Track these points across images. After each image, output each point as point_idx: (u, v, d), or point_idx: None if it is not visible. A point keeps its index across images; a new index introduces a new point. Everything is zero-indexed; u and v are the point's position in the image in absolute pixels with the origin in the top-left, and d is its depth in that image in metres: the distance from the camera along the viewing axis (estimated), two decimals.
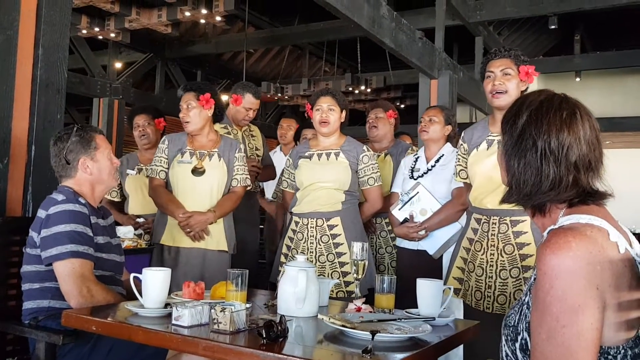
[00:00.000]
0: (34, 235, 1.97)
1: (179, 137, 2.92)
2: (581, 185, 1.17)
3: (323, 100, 2.90)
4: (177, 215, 2.72)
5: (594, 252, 1.05)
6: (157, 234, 2.84)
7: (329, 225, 2.83)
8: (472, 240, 2.40)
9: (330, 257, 2.82)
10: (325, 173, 2.86)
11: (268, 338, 1.41)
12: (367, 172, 2.94)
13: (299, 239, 2.87)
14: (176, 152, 2.86)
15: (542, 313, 1.05)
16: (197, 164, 2.81)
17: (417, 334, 1.53)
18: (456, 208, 2.84)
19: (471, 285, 2.38)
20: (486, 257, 2.32)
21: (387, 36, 4.74)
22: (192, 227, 2.71)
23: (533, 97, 1.24)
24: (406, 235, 2.93)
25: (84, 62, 7.87)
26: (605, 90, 10.43)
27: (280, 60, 10.06)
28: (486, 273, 2.31)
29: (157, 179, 2.87)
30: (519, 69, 2.35)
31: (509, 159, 1.22)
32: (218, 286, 1.97)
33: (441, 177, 2.94)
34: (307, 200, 2.86)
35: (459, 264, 2.48)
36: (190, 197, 2.78)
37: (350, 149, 2.94)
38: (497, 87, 2.34)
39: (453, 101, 5.91)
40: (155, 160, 2.90)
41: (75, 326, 1.69)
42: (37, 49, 2.48)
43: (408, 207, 2.92)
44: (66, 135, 2.10)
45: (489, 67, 2.40)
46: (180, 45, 8.71)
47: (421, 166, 3.04)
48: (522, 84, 2.37)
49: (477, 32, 7.52)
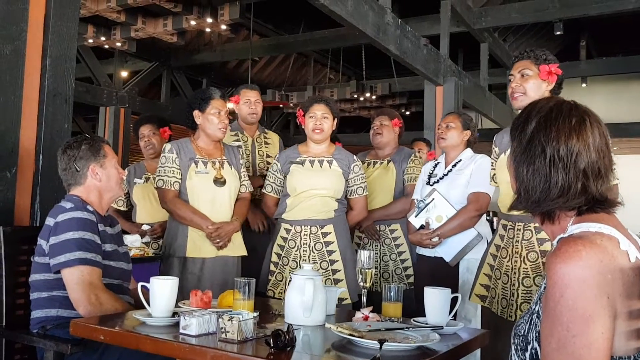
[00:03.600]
0: (43, 243, 1.98)
1: (184, 144, 2.83)
2: (590, 193, 1.16)
3: (317, 108, 2.90)
4: (206, 227, 2.70)
5: (604, 261, 1.05)
6: (179, 247, 2.74)
7: (323, 233, 2.82)
8: (499, 247, 2.38)
9: (324, 264, 2.81)
10: (320, 180, 2.85)
11: (276, 347, 1.41)
12: (357, 182, 2.95)
13: (290, 246, 2.84)
14: (188, 161, 2.78)
15: (552, 322, 1.05)
16: (216, 174, 2.79)
17: (425, 343, 1.52)
18: (471, 214, 2.81)
19: (497, 293, 2.34)
20: (511, 265, 2.28)
21: (392, 43, 4.76)
22: (222, 238, 2.72)
23: (542, 103, 1.24)
24: (420, 243, 2.91)
25: (90, 71, 7.92)
26: (611, 95, 10.41)
27: (285, 68, 10.09)
28: (511, 280, 2.27)
29: (172, 190, 2.75)
30: (540, 68, 2.29)
31: (517, 165, 1.22)
32: (225, 295, 1.97)
33: (456, 183, 2.91)
34: (300, 208, 2.84)
35: (486, 270, 2.44)
36: (210, 207, 2.75)
37: (342, 158, 2.94)
38: (514, 89, 2.31)
39: (458, 108, 5.92)
40: (165, 171, 2.77)
41: (83, 335, 1.70)
42: (45, 59, 2.50)
43: (424, 214, 2.89)
44: (76, 143, 2.12)
45: (511, 72, 2.36)
46: (185, 54, 8.75)
47: (439, 172, 3.02)
48: (545, 83, 2.29)
49: (482, 38, 7.53)
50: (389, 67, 8.14)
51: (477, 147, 3.11)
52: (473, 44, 7.85)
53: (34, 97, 2.48)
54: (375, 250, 3.30)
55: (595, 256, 1.05)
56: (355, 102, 9.55)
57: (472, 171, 2.88)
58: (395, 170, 3.37)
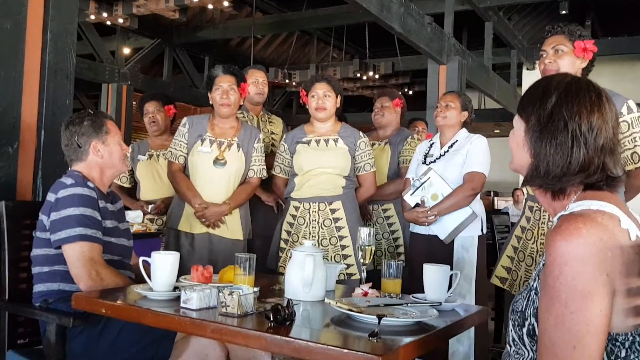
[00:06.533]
0: (44, 219, 1.99)
1: (200, 120, 2.92)
2: (609, 169, 1.16)
3: (318, 87, 2.90)
4: (194, 204, 2.76)
5: (604, 238, 1.05)
6: (174, 219, 2.86)
7: (331, 209, 2.85)
8: (524, 229, 2.35)
9: (333, 240, 2.84)
10: (326, 159, 2.87)
11: (275, 321, 1.42)
12: (364, 158, 2.97)
13: (299, 223, 2.87)
14: (196, 138, 2.85)
15: (550, 299, 1.05)
16: (218, 155, 2.81)
17: (423, 319, 1.54)
18: (466, 193, 2.83)
19: (520, 275, 2.32)
20: (536, 247, 2.26)
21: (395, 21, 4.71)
22: (207, 218, 2.77)
23: (559, 78, 1.22)
24: (415, 220, 2.92)
25: (92, 47, 7.88)
26: (616, 76, 10.31)
27: (288, 46, 10.01)
28: (535, 263, 2.25)
29: (176, 163, 2.87)
30: (574, 44, 2.22)
31: (535, 140, 1.19)
32: (226, 270, 1.98)
33: (453, 162, 2.92)
34: (308, 185, 2.86)
35: (509, 252, 2.42)
36: (207, 187, 2.81)
37: (347, 135, 2.95)
38: (548, 66, 2.22)
39: (462, 87, 5.88)
40: (174, 144, 2.89)
41: (85, 309, 1.71)
42: (46, 34, 2.48)
43: (419, 193, 2.91)
44: (78, 119, 2.12)
45: (543, 47, 2.27)
46: (187, 31, 8.69)
47: (435, 152, 3.02)
48: (580, 60, 2.22)
49: (487, 17, 7.45)
50: (393, 46, 8.08)
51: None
52: (477, 23, 7.77)
53: (35, 73, 2.47)
54: None
55: (595, 234, 1.04)
56: (358, 81, 9.49)
57: (467, 151, 2.89)
58: (390, 152, 3.39)
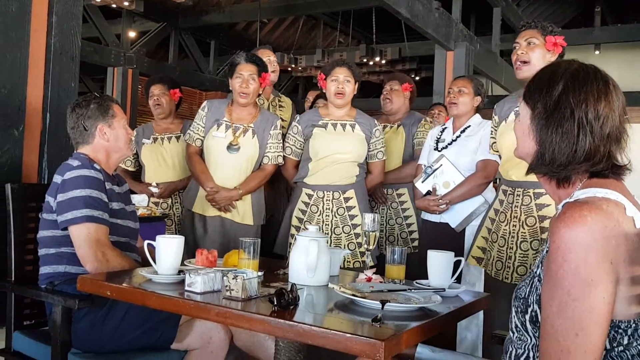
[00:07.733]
0: (50, 200, 1.99)
1: (220, 105, 2.96)
2: (614, 158, 1.16)
3: (339, 71, 2.89)
4: (206, 187, 2.82)
5: (609, 226, 1.05)
6: (190, 199, 2.93)
7: (345, 198, 2.86)
8: (497, 211, 2.44)
9: (346, 228, 2.85)
10: (344, 144, 2.87)
11: (279, 305, 1.42)
12: (377, 146, 2.98)
13: (312, 211, 2.88)
14: (213, 122, 2.89)
15: (553, 286, 1.05)
16: (232, 140, 2.84)
17: (426, 305, 1.54)
18: (479, 181, 2.82)
19: (493, 255, 2.41)
20: (509, 229, 2.35)
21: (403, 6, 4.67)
22: (217, 202, 2.82)
23: (565, 65, 1.21)
24: (427, 208, 2.92)
25: (98, 31, 7.84)
26: (625, 63, 10.21)
27: (294, 30, 9.95)
28: (508, 244, 2.34)
29: (193, 146, 2.94)
30: (546, 39, 2.34)
31: (541, 128, 1.18)
32: (231, 254, 1.99)
33: (465, 149, 2.91)
34: (323, 173, 2.86)
35: (484, 233, 2.51)
36: (220, 171, 2.85)
37: (364, 122, 2.95)
38: (520, 57, 2.36)
39: (469, 74, 5.83)
40: (193, 126, 2.96)
41: (90, 291, 1.72)
42: (51, 16, 2.48)
43: (431, 180, 2.90)
44: (85, 102, 2.12)
45: (517, 39, 2.41)
46: (193, 15, 8.64)
47: (447, 137, 3.01)
48: (550, 54, 2.35)
49: (495, 2, 7.37)
50: (400, 31, 8.00)
51: (486, 114, 3.08)
52: (485, 8, 7.69)
53: (40, 55, 2.47)
54: (382, 213, 3.31)
55: (600, 222, 1.04)
56: (365, 67, 9.43)
57: (481, 138, 2.86)
58: (405, 134, 3.36)
